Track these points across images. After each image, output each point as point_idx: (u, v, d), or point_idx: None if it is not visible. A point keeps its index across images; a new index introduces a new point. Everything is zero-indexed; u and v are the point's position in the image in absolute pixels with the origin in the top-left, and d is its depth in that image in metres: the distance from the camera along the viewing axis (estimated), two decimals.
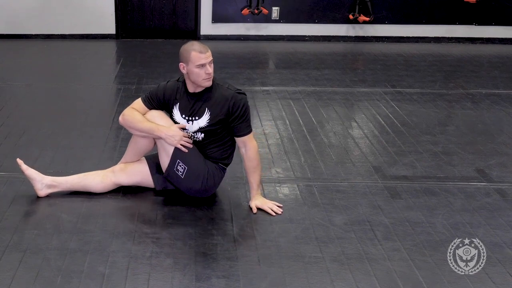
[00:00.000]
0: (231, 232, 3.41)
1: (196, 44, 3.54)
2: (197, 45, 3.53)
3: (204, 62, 3.48)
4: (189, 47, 3.53)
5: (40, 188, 3.71)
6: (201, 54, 3.48)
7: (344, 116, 5.48)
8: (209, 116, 3.58)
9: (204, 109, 3.59)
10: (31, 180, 3.71)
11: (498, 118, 5.52)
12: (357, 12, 8.43)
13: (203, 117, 3.60)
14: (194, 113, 3.62)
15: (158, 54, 7.68)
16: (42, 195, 3.71)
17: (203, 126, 3.61)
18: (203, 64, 3.48)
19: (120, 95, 5.93)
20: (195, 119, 3.62)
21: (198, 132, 3.64)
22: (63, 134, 4.83)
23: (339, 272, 3.06)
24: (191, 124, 3.63)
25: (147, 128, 3.60)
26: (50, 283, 2.91)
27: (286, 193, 3.93)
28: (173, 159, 3.58)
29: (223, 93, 3.58)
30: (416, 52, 8.13)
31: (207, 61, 3.49)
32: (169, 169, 3.62)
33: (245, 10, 8.27)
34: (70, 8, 8.18)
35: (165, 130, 3.56)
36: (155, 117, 3.65)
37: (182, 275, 3.01)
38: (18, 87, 6.11)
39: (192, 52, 3.49)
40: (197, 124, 3.62)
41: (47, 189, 3.73)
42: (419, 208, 3.74)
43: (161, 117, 3.66)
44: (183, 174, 3.60)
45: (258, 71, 7.05)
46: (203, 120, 3.60)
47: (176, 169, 3.60)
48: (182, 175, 3.61)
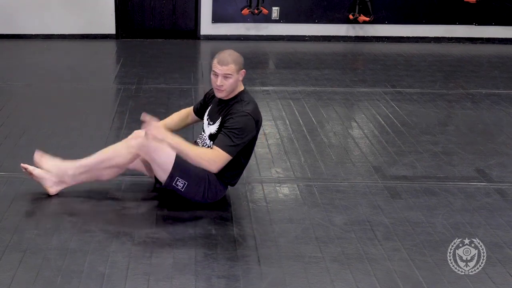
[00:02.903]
0: (231, 232, 3.41)
1: (225, 53, 3.51)
2: (222, 54, 3.50)
3: (217, 72, 3.48)
4: (218, 53, 3.53)
5: (50, 186, 3.70)
6: (218, 63, 3.47)
7: (344, 116, 5.48)
8: (219, 125, 3.57)
9: (219, 117, 3.58)
10: (41, 180, 3.70)
11: (498, 118, 5.52)
12: (357, 12, 8.43)
13: (215, 124, 3.60)
14: (212, 118, 3.64)
15: (158, 54, 7.68)
16: (53, 193, 3.71)
17: (213, 133, 3.61)
18: (216, 74, 3.48)
19: (120, 95, 5.93)
20: (210, 124, 3.64)
21: (208, 138, 3.65)
22: (63, 134, 4.83)
23: (339, 272, 3.06)
24: (208, 127, 3.66)
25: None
26: (50, 283, 2.92)
27: (286, 193, 3.93)
28: (172, 176, 3.49)
29: (237, 107, 3.53)
30: (416, 52, 8.13)
31: (220, 73, 3.47)
32: (168, 183, 3.54)
33: (245, 10, 8.27)
34: (70, 8, 8.18)
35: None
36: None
37: (182, 275, 3.01)
38: (18, 87, 6.11)
39: (215, 59, 3.51)
40: (208, 130, 3.64)
41: (57, 187, 3.71)
42: (419, 208, 3.74)
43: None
44: (183, 188, 3.55)
45: (258, 71, 7.05)
46: (214, 126, 3.60)
47: (176, 184, 3.53)
48: (182, 189, 3.56)
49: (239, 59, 3.53)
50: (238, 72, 3.50)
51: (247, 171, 3.94)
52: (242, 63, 3.54)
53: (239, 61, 3.51)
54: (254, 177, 4.11)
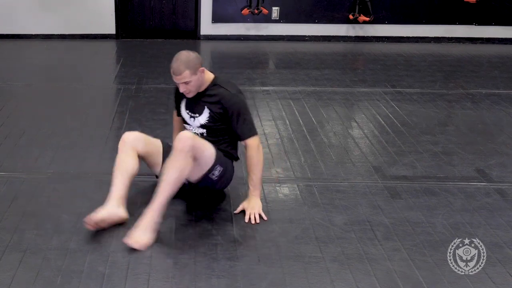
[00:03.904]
0: (231, 232, 3.41)
1: (176, 62, 3.46)
2: (175, 64, 3.46)
3: (176, 81, 3.53)
4: (172, 60, 3.50)
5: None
6: (173, 74, 3.49)
7: (344, 116, 5.48)
8: (208, 114, 3.62)
9: (204, 107, 3.63)
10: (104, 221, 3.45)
11: (498, 118, 5.52)
12: (357, 12, 8.43)
13: (203, 115, 3.64)
14: (195, 111, 3.67)
15: (158, 54, 7.67)
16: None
17: (204, 123, 3.66)
18: (176, 82, 3.54)
19: (120, 95, 5.93)
20: (196, 116, 3.68)
21: (200, 128, 3.68)
22: (63, 134, 4.83)
23: (339, 272, 3.06)
24: (193, 120, 3.69)
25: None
26: (50, 283, 2.92)
27: (286, 193, 3.93)
28: (213, 166, 3.55)
29: (221, 92, 3.59)
30: (416, 52, 8.13)
31: (179, 82, 3.51)
32: (205, 176, 3.57)
33: (245, 10, 8.27)
34: (70, 8, 8.18)
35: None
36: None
37: (182, 275, 3.01)
38: (18, 87, 6.11)
39: (171, 68, 3.50)
40: (198, 121, 3.68)
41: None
42: (419, 208, 3.74)
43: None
44: (218, 176, 3.61)
45: (258, 71, 7.05)
46: (203, 117, 3.64)
47: (212, 174, 3.58)
48: (216, 177, 3.61)
49: (192, 61, 3.48)
50: (195, 74, 3.49)
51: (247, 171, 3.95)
52: (197, 62, 3.49)
53: (193, 63, 3.47)
54: None
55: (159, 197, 3.30)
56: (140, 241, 3.20)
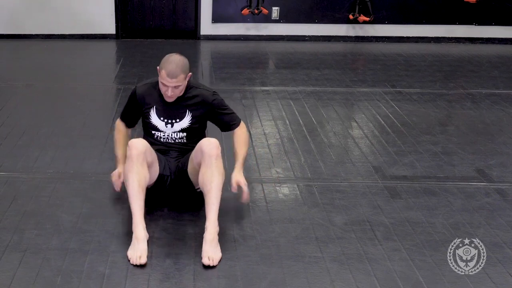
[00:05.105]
0: (231, 232, 3.41)
1: (172, 64, 3.43)
2: (170, 66, 3.42)
3: (167, 84, 3.45)
4: (165, 62, 3.47)
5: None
6: (167, 76, 3.42)
7: (344, 116, 5.48)
8: (191, 117, 3.63)
9: (185, 110, 3.62)
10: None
11: (498, 118, 5.52)
12: (357, 12, 8.43)
13: (184, 119, 3.63)
14: (174, 116, 3.63)
15: (158, 54, 7.64)
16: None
17: (185, 126, 3.65)
18: (165, 85, 3.46)
19: (120, 95, 5.93)
20: (176, 122, 3.64)
21: (180, 132, 3.66)
22: (63, 134, 4.83)
23: (339, 272, 3.06)
24: (171, 126, 3.64)
25: (116, 154, 3.73)
26: (50, 283, 2.92)
27: (286, 193, 3.93)
28: None
29: (202, 93, 3.62)
30: (416, 52, 8.13)
31: (171, 85, 3.45)
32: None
33: (245, 10, 8.27)
34: (70, 8, 8.18)
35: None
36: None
37: (182, 275, 3.01)
38: (18, 87, 6.11)
39: (162, 71, 3.45)
40: (178, 126, 3.64)
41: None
42: (419, 208, 3.74)
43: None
44: None
45: (258, 71, 7.05)
46: (185, 121, 3.63)
47: None
48: None
49: (186, 65, 3.48)
50: (186, 78, 3.50)
51: (247, 171, 3.95)
52: (188, 66, 3.51)
53: (186, 68, 3.48)
54: (254, 177, 4.11)
55: (212, 208, 3.26)
56: (215, 257, 3.14)
